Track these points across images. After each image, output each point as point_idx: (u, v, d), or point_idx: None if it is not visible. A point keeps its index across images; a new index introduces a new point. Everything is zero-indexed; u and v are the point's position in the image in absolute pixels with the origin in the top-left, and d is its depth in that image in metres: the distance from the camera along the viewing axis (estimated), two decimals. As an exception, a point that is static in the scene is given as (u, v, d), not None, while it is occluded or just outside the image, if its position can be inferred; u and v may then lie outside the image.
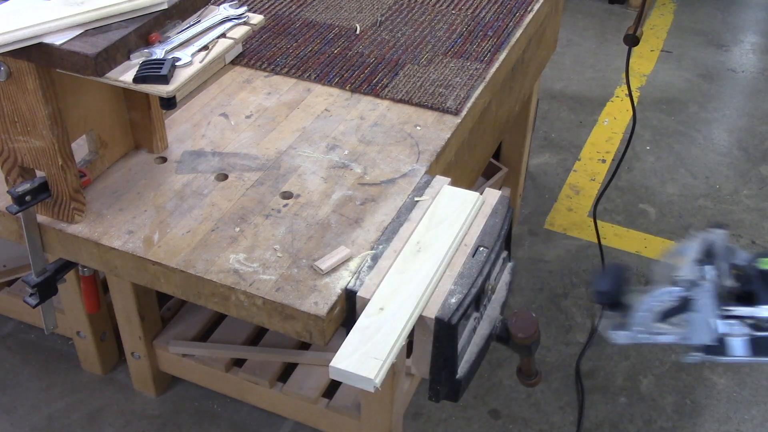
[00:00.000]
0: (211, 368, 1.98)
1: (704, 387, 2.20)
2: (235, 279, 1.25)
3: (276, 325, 1.24)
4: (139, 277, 1.33)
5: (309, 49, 1.79)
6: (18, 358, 2.22)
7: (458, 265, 1.28)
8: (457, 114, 1.61)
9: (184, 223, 1.35)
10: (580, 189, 2.92)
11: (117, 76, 1.16)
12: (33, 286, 1.39)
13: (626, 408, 2.14)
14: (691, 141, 3.20)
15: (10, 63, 1.18)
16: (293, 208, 1.38)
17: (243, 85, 1.69)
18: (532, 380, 1.50)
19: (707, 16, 4.20)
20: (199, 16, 1.29)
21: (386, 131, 1.57)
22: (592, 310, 2.42)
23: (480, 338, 1.33)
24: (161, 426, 2.06)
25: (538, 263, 2.59)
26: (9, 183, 1.35)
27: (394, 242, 1.31)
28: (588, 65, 3.72)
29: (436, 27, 1.88)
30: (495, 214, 1.37)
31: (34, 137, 1.26)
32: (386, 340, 1.14)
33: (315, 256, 1.29)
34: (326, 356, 1.94)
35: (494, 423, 2.09)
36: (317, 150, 1.52)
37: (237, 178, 1.45)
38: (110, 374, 2.18)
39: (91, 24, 1.16)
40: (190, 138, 1.55)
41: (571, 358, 2.26)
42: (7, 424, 2.05)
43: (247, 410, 2.08)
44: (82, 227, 1.34)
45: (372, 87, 1.68)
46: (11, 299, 2.16)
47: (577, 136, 3.21)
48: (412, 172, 1.47)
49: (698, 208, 2.84)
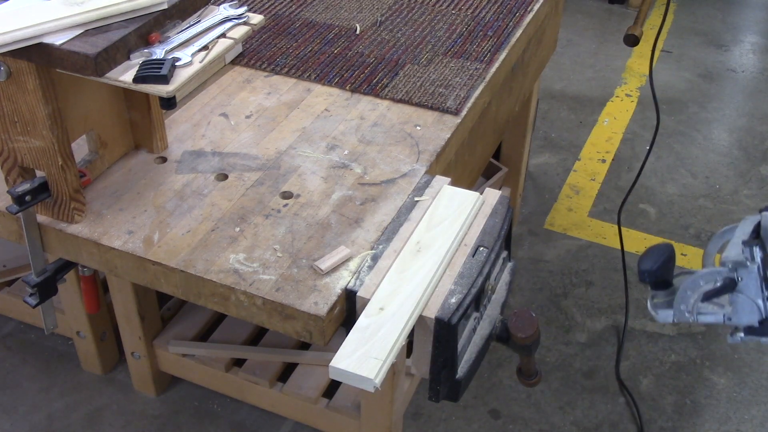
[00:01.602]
0: (211, 368, 1.98)
1: (704, 387, 2.20)
2: (235, 279, 1.25)
3: (276, 325, 1.24)
4: (139, 277, 1.33)
5: (309, 49, 1.79)
6: (18, 358, 2.22)
7: (458, 265, 1.28)
8: (457, 114, 1.61)
9: (184, 223, 1.35)
10: (580, 189, 2.92)
11: (117, 76, 1.16)
12: (33, 286, 1.39)
13: (626, 408, 2.14)
14: (691, 141, 3.20)
15: (10, 63, 1.18)
16: (293, 208, 1.38)
17: (243, 85, 1.69)
18: (532, 380, 1.50)
19: (707, 16, 4.20)
20: (199, 16, 1.29)
21: (386, 131, 1.57)
22: (592, 310, 2.43)
23: (480, 338, 1.33)
24: (161, 426, 2.06)
25: (538, 263, 2.59)
26: (9, 183, 1.35)
27: (394, 242, 1.31)
28: (588, 65, 3.72)
29: (436, 27, 1.88)
30: (495, 214, 1.37)
31: (34, 137, 1.26)
32: (386, 340, 1.14)
33: (315, 256, 1.29)
34: (326, 356, 1.94)
35: (494, 423, 2.09)
36: (317, 150, 1.52)
37: (237, 178, 1.45)
38: (110, 374, 2.18)
39: (91, 24, 1.16)
40: (190, 138, 1.55)
41: (571, 358, 2.27)
42: (7, 424, 2.05)
43: (247, 410, 2.08)
44: (82, 227, 1.34)
45: (372, 87, 1.68)
46: (11, 299, 2.16)
47: (577, 136, 3.21)
48: (412, 172, 1.47)
49: (698, 208, 2.84)
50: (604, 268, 2.56)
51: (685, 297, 1.04)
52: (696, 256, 2.63)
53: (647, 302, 1.13)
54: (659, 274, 1.07)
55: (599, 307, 2.44)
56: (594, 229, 2.72)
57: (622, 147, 3.13)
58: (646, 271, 1.06)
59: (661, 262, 1.06)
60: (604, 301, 2.46)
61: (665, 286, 1.09)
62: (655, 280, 1.07)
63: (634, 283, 2.52)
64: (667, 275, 1.09)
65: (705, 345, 2.32)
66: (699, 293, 1.02)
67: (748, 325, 1.00)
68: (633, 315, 2.41)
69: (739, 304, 0.99)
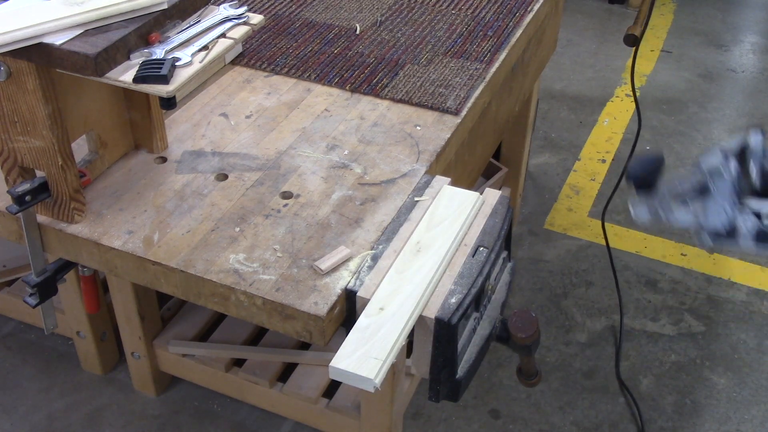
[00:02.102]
0: (211, 368, 1.98)
1: (704, 387, 2.21)
2: (235, 279, 1.25)
3: (276, 325, 1.24)
4: (139, 277, 1.33)
5: (309, 49, 1.79)
6: (18, 358, 2.22)
7: (458, 265, 1.28)
8: (457, 114, 1.61)
9: (184, 223, 1.35)
10: (580, 189, 2.92)
11: (117, 76, 1.16)
12: (33, 286, 1.39)
13: (626, 408, 2.14)
14: (691, 141, 3.20)
15: (10, 63, 1.18)
16: (293, 208, 1.38)
17: (243, 85, 1.69)
18: (532, 380, 1.50)
19: (707, 16, 4.20)
20: (199, 16, 1.29)
21: (386, 131, 1.57)
22: (592, 310, 2.43)
23: (480, 338, 1.33)
24: (161, 426, 2.06)
25: (538, 263, 2.59)
26: (9, 183, 1.35)
27: (394, 242, 1.31)
28: (588, 65, 3.72)
29: (436, 27, 1.88)
30: (495, 214, 1.37)
31: (34, 137, 1.26)
32: (386, 340, 1.14)
33: (315, 256, 1.29)
34: (326, 356, 1.94)
35: (494, 423, 2.10)
36: (317, 150, 1.52)
37: (237, 178, 1.45)
38: (110, 374, 2.18)
39: (91, 24, 1.16)
40: (190, 138, 1.55)
41: (571, 358, 2.27)
42: (7, 424, 2.05)
43: (247, 410, 2.08)
44: (82, 227, 1.34)
45: (372, 87, 1.68)
46: (11, 299, 2.16)
47: (577, 136, 3.21)
48: (412, 172, 1.47)
49: (698, 208, 2.84)
50: (604, 268, 2.55)
51: (660, 196, 1.08)
52: (696, 257, 2.63)
53: (628, 201, 1.18)
54: (644, 177, 1.10)
55: (599, 307, 2.44)
56: (594, 229, 2.72)
57: (622, 147, 3.14)
58: (633, 173, 1.09)
59: (649, 168, 1.09)
60: (604, 301, 2.46)
61: (649, 189, 1.12)
62: (640, 184, 1.10)
63: (633, 283, 2.52)
64: (652, 180, 1.11)
65: (705, 345, 2.33)
66: (674, 194, 1.06)
67: (715, 231, 1.04)
68: (633, 315, 2.41)
69: (709, 209, 1.04)
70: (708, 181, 1.03)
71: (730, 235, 1.02)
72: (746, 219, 1.00)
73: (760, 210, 1.00)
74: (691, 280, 2.54)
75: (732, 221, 1.01)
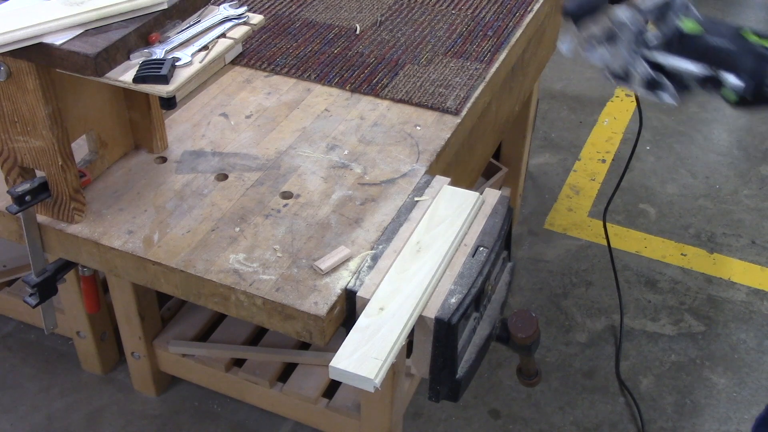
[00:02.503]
0: (211, 368, 1.98)
1: (704, 387, 2.21)
2: (235, 279, 1.25)
3: (276, 325, 1.24)
4: (139, 277, 1.33)
5: (309, 49, 1.79)
6: (18, 358, 2.22)
7: (458, 265, 1.28)
8: (457, 114, 1.61)
9: (184, 223, 1.35)
10: (580, 189, 2.92)
11: (117, 76, 1.16)
12: (33, 286, 1.39)
13: (626, 408, 2.14)
14: (691, 141, 3.20)
15: (10, 63, 1.18)
16: (293, 208, 1.38)
17: (243, 85, 1.69)
18: (532, 380, 1.50)
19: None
20: (199, 16, 1.29)
21: (386, 131, 1.57)
22: (592, 310, 2.43)
23: (480, 338, 1.33)
24: (161, 426, 2.06)
25: (538, 263, 2.59)
26: (9, 183, 1.35)
27: (394, 242, 1.31)
28: (588, 65, 3.70)
29: (436, 27, 1.88)
30: (495, 214, 1.37)
31: (34, 137, 1.26)
32: (386, 340, 1.14)
33: (315, 256, 1.29)
34: (326, 356, 1.94)
35: (494, 423, 2.10)
36: (317, 150, 1.52)
37: (237, 178, 1.45)
38: (110, 374, 2.18)
39: (91, 24, 1.16)
40: (190, 138, 1.55)
41: (571, 358, 2.27)
42: (7, 424, 2.05)
43: (247, 410, 2.08)
44: (82, 227, 1.34)
45: (372, 87, 1.68)
46: (11, 299, 2.16)
47: (577, 136, 3.21)
48: (412, 172, 1.47)
49: (698, 208, 2.84)
50: (604, 268, 2.55)
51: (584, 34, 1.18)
52: (696, 257, 2.63)
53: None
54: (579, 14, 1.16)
55: (599, 307, 2.44)
56: (594, 229, 2.73)
57: (622, 147, 3.13)
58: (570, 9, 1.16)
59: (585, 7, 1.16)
60: (604, 301, 2.46)
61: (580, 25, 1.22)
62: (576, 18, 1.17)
63: (633, 283, 2.52)
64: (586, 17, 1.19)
65: (705, 345, 2.33)
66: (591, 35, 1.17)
67: (614, 73, 1.16)
68: (633, 315, 2.41)
69: (613, 54, 1.15)
70: (616, 30, 1.14)
71: (625, 79, 1.14)
72: (638, 66, 1.12)
73: (665, 62, 1.11)
74: (691, 280, 2.55)
75: (627, 66, 1.13)
